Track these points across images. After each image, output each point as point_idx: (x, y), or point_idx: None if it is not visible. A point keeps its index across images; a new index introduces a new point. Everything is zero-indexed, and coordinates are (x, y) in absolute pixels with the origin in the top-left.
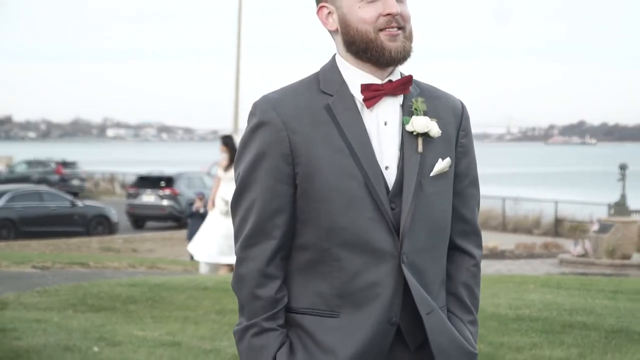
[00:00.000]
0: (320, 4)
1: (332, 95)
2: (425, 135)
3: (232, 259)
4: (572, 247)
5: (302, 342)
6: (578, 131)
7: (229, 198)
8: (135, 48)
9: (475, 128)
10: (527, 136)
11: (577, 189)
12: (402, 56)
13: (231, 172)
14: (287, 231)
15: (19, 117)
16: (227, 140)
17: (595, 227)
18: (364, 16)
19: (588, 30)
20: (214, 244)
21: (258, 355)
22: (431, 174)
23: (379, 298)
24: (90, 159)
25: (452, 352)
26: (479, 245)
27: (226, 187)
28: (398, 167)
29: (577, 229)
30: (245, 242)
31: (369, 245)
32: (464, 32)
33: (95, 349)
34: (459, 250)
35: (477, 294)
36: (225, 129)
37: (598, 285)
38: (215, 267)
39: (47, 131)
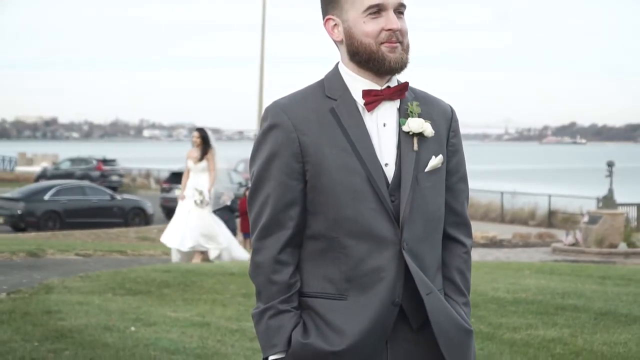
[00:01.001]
0: (327, 16)
1: (336, 100)
2: (420, 135)
3: (208, 245)
4: (564, 237)
5: (314, 323)
6: (570, 132)
7: (202, 188)
8: (169, 56)
9: (476, 129)
10: (524, 136)
11: (569, 184)
12: (400, 66)
13: (201, 164)
14: (299, 222)
15: (63, 118)
16: (204, 134)
17: (585, 218)
18: (368, 30)
19: (580, 40)
20: (188, 233)
21: (275, 334)
22: (426, 170)
23: (383, 281)
24: (128, 156)
25: (451, 329)
26: (469, 235)
27: (197, 178)
28: (396, 163)
29: (568, 220)
30: (261, 233)
31: (373, 233)
32: (466, 41)
33: (132, 328)
34: (452, 239)
35: (468, 278)
36: (251, 129)
37: (588, 272)
38: (188, 255)
39: (89, 132)
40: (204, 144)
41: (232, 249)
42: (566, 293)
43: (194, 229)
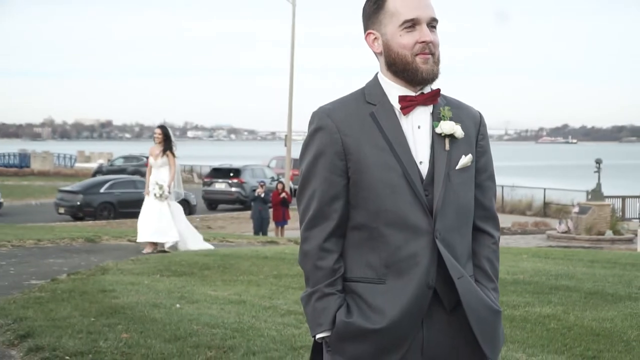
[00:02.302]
0: (368, 31)
1: (375, 105)
2: (451, 137)
3: (163, 238)
4: (558, 225)
5: (356, 304)
6: (562, 132)
7: (162, 182)
8: (211, 66)
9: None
10: (521, 137)
11: (562, 179)
12: (431, 77)
13: (161, 160)
14: (342, 214)
15: (117, 121)
16: (165, 131)
17: (576, 209)
18: (404, 42)
19: (572, 50)
20: (152, 225)
21: (321, 315)
22: (457, 167)
23: (418, 266)
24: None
25: (481, 310)
26: (497, 227)
27: (158, 173)
28: (430, 162)
29: (561, 211)
30: (309, 224)
31: (409, 224)
32: (469, 51)
33: (178, 305)
34: (481, 231)
35: (497, 266)
36: (282, 130)
37: (578, 256)
38: (153, 245)
39: (140, 132)
40: (165, 141)
41: (186, 240)
42: (559, 275)
43: (152, 222)
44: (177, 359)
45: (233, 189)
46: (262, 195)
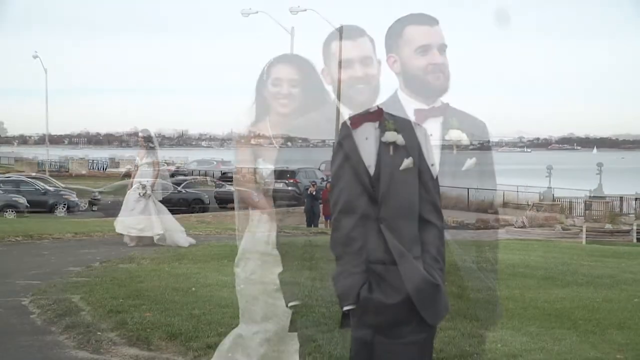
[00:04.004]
0: (389, 54)
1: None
2: (458, 142)
3: (150, 232)
4: (565, 220)
5: (377, 283)
6: (568, 141)
7: (145, 182)
8: None
9: (493, 138)
10: (534, 144)
11: (568, 180)
12: (442, 92)
13: (145, 162)
14: (366, 208)
15: (192, 130)
16: (148, 139)
17: (582, 205)
18: (418, 64)
19: (577, 70)
20: (135, 220)
21: (348, 290)
22: (463, 169)
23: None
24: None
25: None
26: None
27: (142, 174)
28: (439, 165)
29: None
30: (338, 216)
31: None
32: (486, 71)
33: (193, 289)
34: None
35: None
36: (330, 139)
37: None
38: (138, 238)
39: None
40: (149, 147)
41: (173, 234)
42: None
43: (137, 218)
44: (192, 334)
45: (289, 188)
46: (314, 193)
